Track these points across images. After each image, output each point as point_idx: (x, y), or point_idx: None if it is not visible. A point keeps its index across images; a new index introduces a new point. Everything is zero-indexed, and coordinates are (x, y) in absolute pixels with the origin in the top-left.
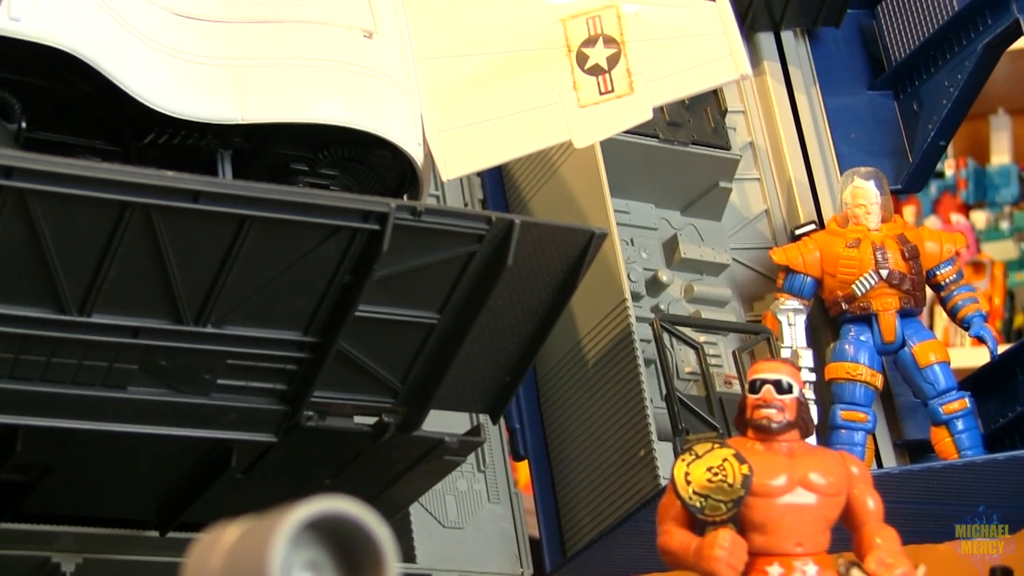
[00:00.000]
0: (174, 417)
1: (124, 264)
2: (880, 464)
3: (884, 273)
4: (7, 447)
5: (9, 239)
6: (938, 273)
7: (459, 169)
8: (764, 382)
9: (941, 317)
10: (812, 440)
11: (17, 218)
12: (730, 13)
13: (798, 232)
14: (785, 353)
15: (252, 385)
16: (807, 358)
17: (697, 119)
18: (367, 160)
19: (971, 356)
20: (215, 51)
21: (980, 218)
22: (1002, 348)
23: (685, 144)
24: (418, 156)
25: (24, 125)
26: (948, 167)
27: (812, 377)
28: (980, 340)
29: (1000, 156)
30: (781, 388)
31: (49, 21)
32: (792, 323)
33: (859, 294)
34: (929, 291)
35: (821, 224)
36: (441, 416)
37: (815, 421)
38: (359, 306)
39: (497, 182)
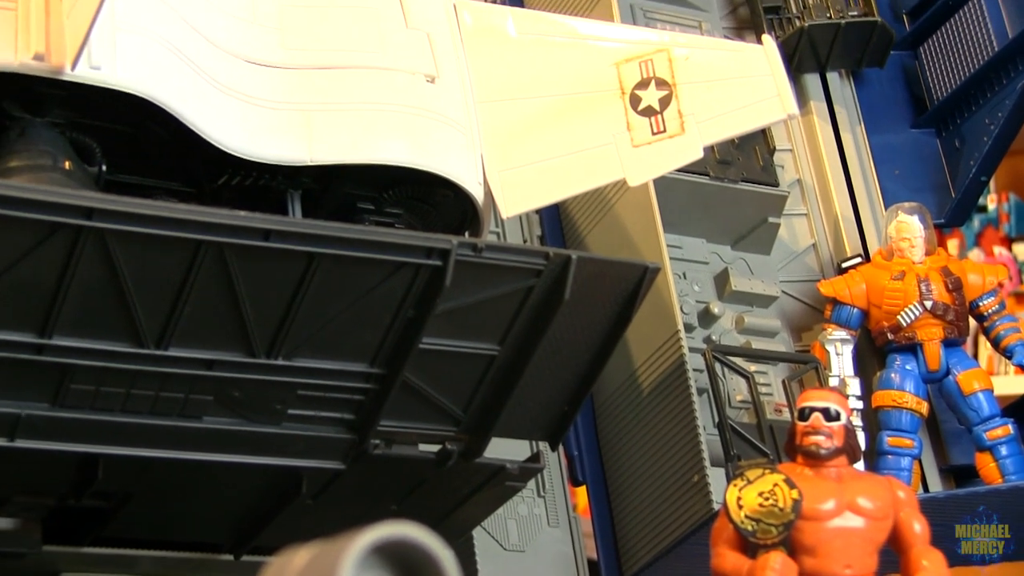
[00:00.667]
0: (247, 446)
1: (199, 300)
2: (926, 488)
3: (928, 304)
4: (89, 475)
5: (90, 277)
6: (981, 304)
7: (518, 207)
8: (813, 410)
9: (985, 346)
10: (860, 466)
11: (97, 257)
12: (777, 55)
13: (845, 265)
14: (833, 382)
15: (321, 415)
16: (854, 386)
17: (746, 157)
18: (430, 199)
19: (1014, 384)
20: (285, 96)
21: (1022, 250)
22: None
23: (735, 181)
24: (479, 195)
25: (104, 168)
26: (991, 201)
27: (859, 405)
28: (1023, 369)
29: None
30: (829, 416)
31: (127, 69)
32: (840, 353)
33: (904, 325)
34: (972, 321)
35: (867, 257)
36: (502, 444)
37: (863, 447)
38: (423, 338)
39: (555, 219)
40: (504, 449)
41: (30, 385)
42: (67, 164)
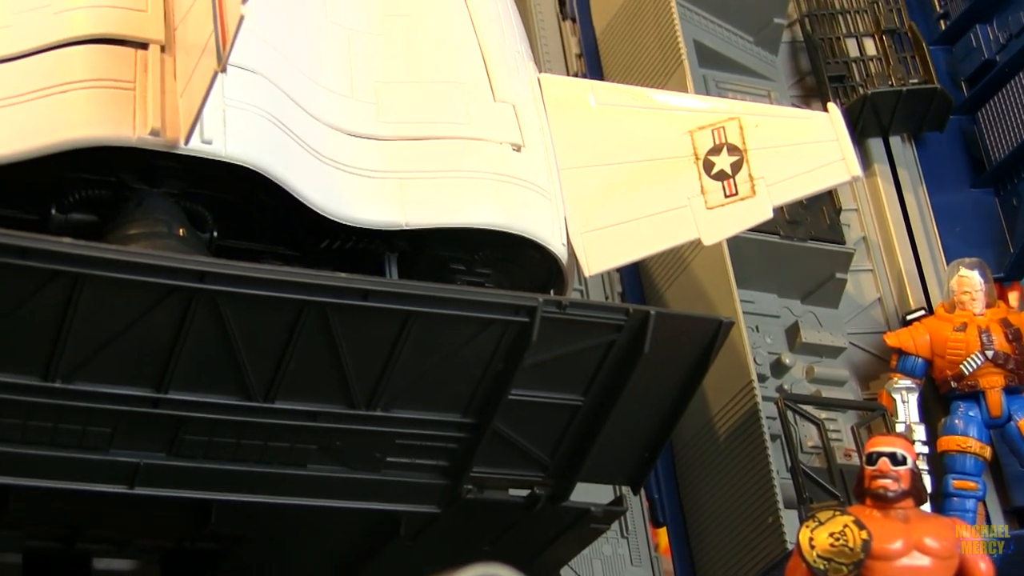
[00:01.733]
0: (349, 491)
1: (303, 355)
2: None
3: (989, 354)
4: (203, 519)
5: (202, 335)
6: None
7: (600, 266)
8: (880, 455)
9: None
10: (926, 507)
11: (209, 316)
12: (842, 121)
13: (909, 318)
14: (900, 428)
15: (418, 462)
16: (920, 432)
17: (814, 217)
18: (518, 259)
19: None
20: (382, 165)
21: None
22: None
23: (804, 240)
24: (563, 255)
25: (215, 234)
26: None
27: (925, 450)
28: None
29: None
30: (896, 460)
31: (236, 143)
32: (906, 400)
33: (967, 373)
34: None
35: (930, 310)
36: (587, 488)
37: (929, 490)
38: (511, 390)
39: (634, 277)
40: (589, 493)
41: (148, 436)
42: (181, 231)
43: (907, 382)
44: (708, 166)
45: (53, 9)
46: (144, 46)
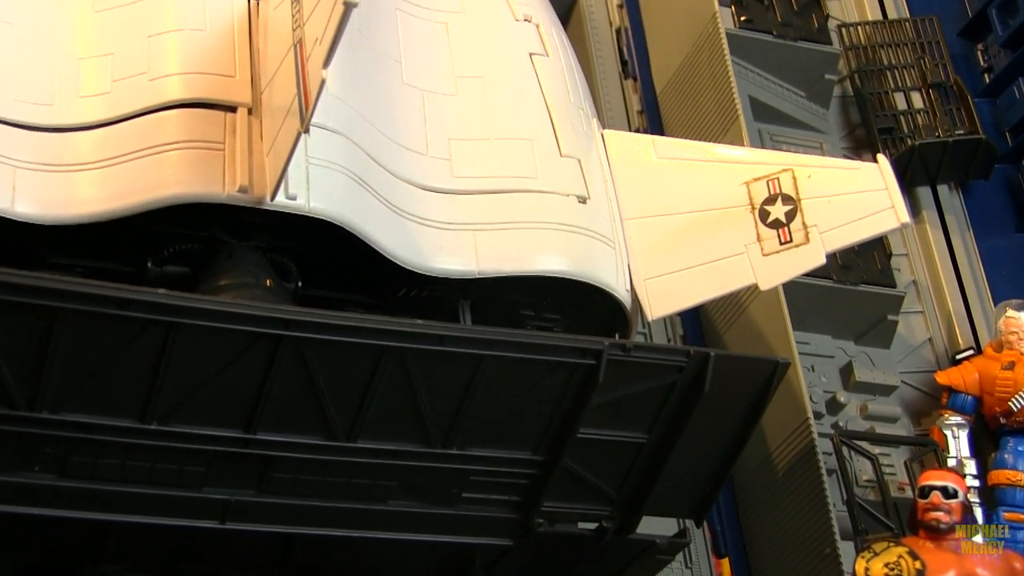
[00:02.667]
0: (427, 525)
1: (382, 397)
2: None
3: None
4: (288, 552)
5: (288, 379)
6: None
7: (662, 310)
8: (932, 488)
9: None
10: (978, 539)
11: (294, 362)
12: (891, 171)
13: (958, 357)
14: (951, 463)
15: (491, 497)
16: (971, 467)
17: (866, 262)
18: (584, 305)
19: None
20: (456, 218)
21: None
22: None
23: (856, 284)
24: (627, 301)
25: (299, 284)
26: None
27: (976, 483)
28: None
29: None
30: (948, 493)
31: (319, 198)
32: (956, 436)
33: (1015, 410)
34: None
35: (978, 350)
36: (652, 520)
37: (980, 522)
38: (580, 428)
39: (695, 320)
40: (654, 525)
41: (238, 474)
42: (268, 282)
43: (957, 418)
44: (764, 215)
45: (148, 76)
46: (233, 109)
